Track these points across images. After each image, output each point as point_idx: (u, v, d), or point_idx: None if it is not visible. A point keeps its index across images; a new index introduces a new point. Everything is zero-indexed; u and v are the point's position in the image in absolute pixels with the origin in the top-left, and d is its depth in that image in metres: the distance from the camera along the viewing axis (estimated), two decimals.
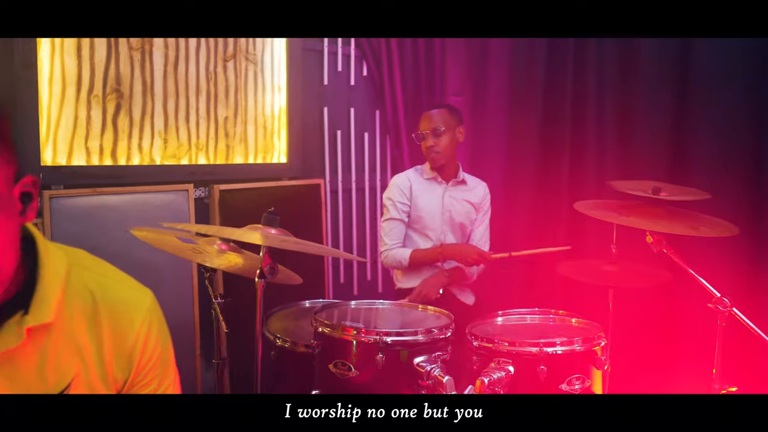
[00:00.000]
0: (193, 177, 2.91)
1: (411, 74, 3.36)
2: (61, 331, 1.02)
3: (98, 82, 2.68)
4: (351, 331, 1.71)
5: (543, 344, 1.70)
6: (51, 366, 1.01)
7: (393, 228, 2.70)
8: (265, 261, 1.65)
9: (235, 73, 3.05)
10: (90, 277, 1.08)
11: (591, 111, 2.81)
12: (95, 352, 1.05)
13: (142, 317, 1.09)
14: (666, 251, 1.92)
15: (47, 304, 0.99)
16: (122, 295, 1.10)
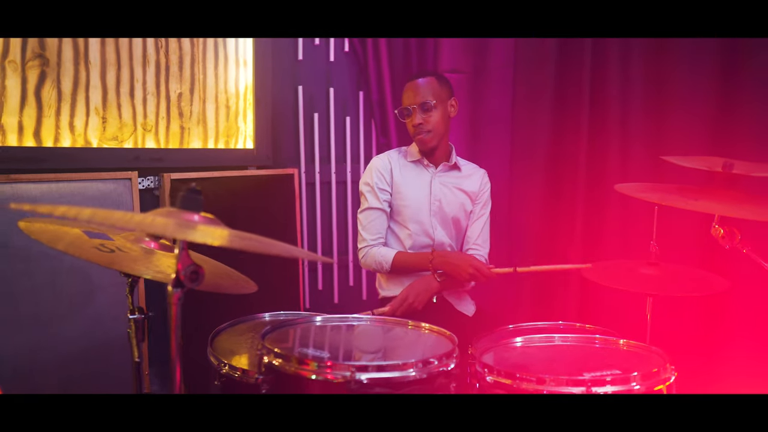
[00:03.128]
0: (138, 163, 2.34)
1: (400, 49, 2.79)
2: None
3: (15, 46, 2.12)
4: (311, 363, 1.12)
5: (590, 382, 1.12)
6: None
7: (372, 220, 2.13)
8: (183, 260, 1.07)
9: (191, 42, 2.48)
10: None
11: (614, 84, 2.25)
12: None
13: None
14: (743, 247, 1.36)
15: None
16: None
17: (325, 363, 1.12)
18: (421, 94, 2.07)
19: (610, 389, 1.12)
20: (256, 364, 1.45)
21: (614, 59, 2.30)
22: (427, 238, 2.16)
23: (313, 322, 1.44)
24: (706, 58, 2.07)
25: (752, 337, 1.89)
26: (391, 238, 2.19)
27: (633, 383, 1.14)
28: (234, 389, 1.48)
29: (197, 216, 1.11)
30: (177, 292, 1.08)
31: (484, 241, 2.21)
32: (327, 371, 1.11)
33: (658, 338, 1.67)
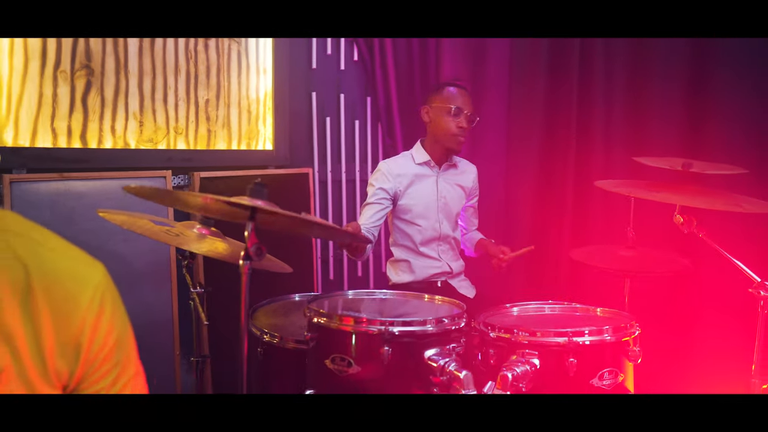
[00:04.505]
0: (171, 163, 2.65)
1: (404, 59, 3.13)
2: None
3: (66, 57, 2.42)
4: (351, 320, 1.45)
5: (571, 334, 1.46)
6: None
7: (366, 211, 2.41)
8: (251, 240, 1.40)
9: (217, 53, 2.80)
10: (22, 245, 0.84)
11: (599, 89, 2.60)
12: (30, 339, 0.82)
13: (91, 294, 0.86)
14: (699, 232, 1.70)
15: None
16: (64, 268, 0.86)
17: (362, 320, 1.45)
18: (471, 105, 2.40)
19: (588, 339, 1.46)
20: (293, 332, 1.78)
21: (599, 68, 2.64)
22: (435, 233, 2.48)
23: (346, 295, 1.77)
24: (678, 67, 2.42)
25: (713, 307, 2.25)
26: (399, 235, 2.50)
27: (605, 335, 1.48)
28: (274, 353, 1.81)
29: (262, 202, 1.43)
30: (246, 264, 1.41)
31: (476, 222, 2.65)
32: (363, 326, 1.44)
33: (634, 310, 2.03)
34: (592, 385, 1.47)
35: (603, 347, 1.48)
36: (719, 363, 2.19)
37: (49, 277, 0.83)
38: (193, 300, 1.72)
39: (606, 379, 1.48)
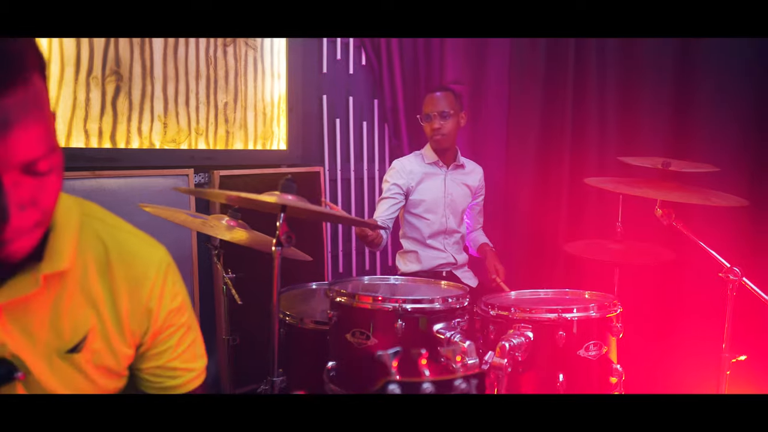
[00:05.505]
0: (193, 162, 2.89)
1: (410, 63, 3.38)
2: (75, 281, 1.00)
3: (97, 64, 2.66)
4: (369, 299, 1.70)
5: (561, 310, 1.71)
6: (65, 318, 0.99)
7: (382, 205, 2.67)
8: (282, 228, 1.64)
9: (235, 58, 3.05)
10: (101, 227, 1.06)
11: (592, 92, 2.84)
12: (110, 305, 1.03)
13: (156, 268, 1.08)
14: (676, 223, 1.95)
15: (62, 251, 0.97)
16: (135, 247, 1.08)
17: (378, 298, 1.70)
18: (441, 104, 2.65)
19: (575, 315, 1.71)
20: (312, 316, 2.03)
21: (592, 71, 2.87)
22: (441, 227, 2.74)
23: (362, 280, 2.03)
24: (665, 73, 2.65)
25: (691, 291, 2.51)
26: (408, 228, 2.76)
27: (591, 311, 1.73)
28: (295, 334, 2.05)
29: (291, 197, 1.68)
30: (278, 250, 1.66)
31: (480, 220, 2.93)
32: (380, 303, 1.68)
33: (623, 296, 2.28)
34: (578, 355, 1.72)
35: (589, 322, 1.73)
36: (695, 340, 2.45)
37: (123, 255, 1.06)
38: (226, 284, 1.97)
39: (591, 350, 1.73)
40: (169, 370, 1.13)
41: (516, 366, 1.69)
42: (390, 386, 1.00)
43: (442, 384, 1.02)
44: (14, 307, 0.94)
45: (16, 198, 0.81)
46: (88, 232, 1.03)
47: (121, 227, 1.10)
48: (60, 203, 0.98)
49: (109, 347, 1.04)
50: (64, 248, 0.97)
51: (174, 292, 1.11)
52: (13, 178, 0.80)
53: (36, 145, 0.80)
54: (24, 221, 0.84)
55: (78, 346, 1.01)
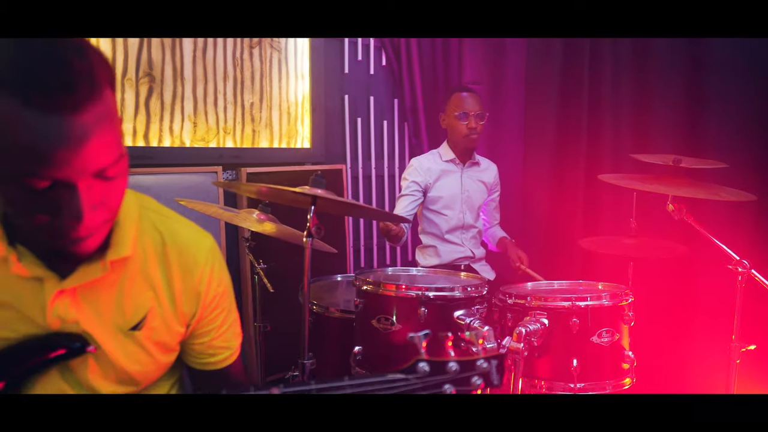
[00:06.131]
0: (221, 160, 3.04)
1: (429, 64, 3.50)
2: (136, 267, 1.14)
3: (131, 67, 2.82)
4: (393, 287, 1.83)
5: (575, 298, 1.83)
6: (128, 299, 1.13)
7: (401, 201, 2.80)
8: (313, 221, 1.78)
9: (260, 60, 3.19)
10: (157, 218, 1.19)
11: (607, 91, 2.94)
12: (166, 288, 1.17)
13: (206, 255, 1.21)
14: (687, 218, 2.05)
15: (125, 240, 1.10)
16: (187, 236, 1.21)
17: (402, 286, 1.82)
18: (478, 105, 2.77)
19: (588, 303, 1.82)
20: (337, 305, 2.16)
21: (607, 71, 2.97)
22: (459, 222, 2.86)
23: (386, 271, 2.16)
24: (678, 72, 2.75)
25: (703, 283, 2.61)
26: (427, 223, 2.89)
27: (603, 300, 1.84)
28: (321, 322, 2.19)
29: (320, 191, 1.81)
30: (309, 241, 1.79)
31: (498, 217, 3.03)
32: (404, 291, 1.81)
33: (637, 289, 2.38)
34: (591, 341, 1.83)
35: (601, 310, 1.84)
36: (706, 330, 2.55)
37: (177, 243, 1.20)
38: (258, 274, 2.12)
39: (604, 337, 1.84)
40: (212, 347, 1.27)
41: (532, 351, 1.81)
42: (420, 364, 1.11)
43: (466, 363, 1.13)
44: (86, 289, 1.09)
45: (89, 200, 0.93)
46: (146, 223, 1.17)
47: (174, 218, 1.23)
48: None
49: (165, 325, 1.18)
50: (126, 237, 1.11)
51: (220, 278, 1.24)
52: (87, 183, 0.92)
53: (106, 154, 0.92)
54: (95, 220, 0.97)
55: (139, 324, 1.14)
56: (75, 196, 0.91)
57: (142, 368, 1.17)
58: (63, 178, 0.89)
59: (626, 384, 1.90)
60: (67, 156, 0.87)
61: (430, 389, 1.08)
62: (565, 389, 1.83)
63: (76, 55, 0.87)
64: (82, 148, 0.87)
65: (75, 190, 0.91)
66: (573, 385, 1.82)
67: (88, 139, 0.87)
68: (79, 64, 0.86)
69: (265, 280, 2.09)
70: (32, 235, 1.00)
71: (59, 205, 0.91)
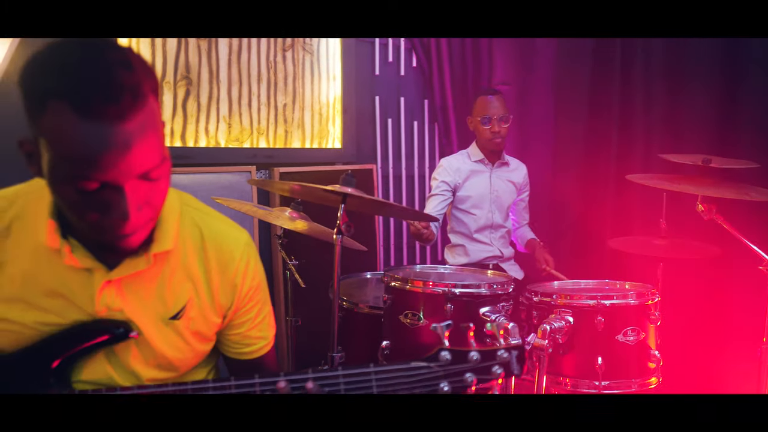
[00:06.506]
0: (255, 159, 3.13)
1: (459, 65, 3.55)
2: (177, 260, 1.21)
3: (170, 70, 2.93)
4: (420, 283, 1.88)
5: (600, 297, 1.85)
6: (169, 290, 1.21)
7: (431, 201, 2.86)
8: (343, 219, 1.84)
9: (293, 62, 3.28)
10: (196, 215, 1.27)
11: (639, 91, 2.95)
12: (204, 280, 1.24)
13: (242, 250, 1.28)
14: (717, 219, 2.05)
15: (167, 235, 1.18)
16: (224, 231, 1.28)
17: (429, 283, 1.88)
18: (501, 108, 2.80)
19: (614, 302, 1.85)
20: (367, 301, 2.22)
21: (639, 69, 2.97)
22: (488, 221, 2.90)
23: (414, 269, 2.21)
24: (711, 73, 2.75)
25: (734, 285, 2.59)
26: (456, 223, 2.93)
27: (629, 299, 1.87)
28: (351, 317, 2.25)
29: (351, 189, 1.87)
30: (339, 238, 1.86)
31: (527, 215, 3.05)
32: (430, 287, 1.86)
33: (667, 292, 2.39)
34: (617, 340, 1.86)
35: (627, 309, 1.87)
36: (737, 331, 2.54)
37: (215, 238, 1.27)
38: (290, 270, 2.20)
39: (630, 336, 1.86)
40: (246, 338, 1.34)
41: (557, 348, 1.85)
42: (442, 352, 1.17)
43: (487, 353, 1.18)
44: (130, 280, 1.17)
45: (135, 201, 1.01)
46: (186, 219, 1.25)
47: (213, 215, 1.31)
48: None
49: (202, 316, 1.25)
50: (168, 233, 1.18)
51: (255, 271, 1.32)
52: (132, 185, 1.00)
53: (150, 158, 1.00)
54: (140, 218, 1.05)
55: (179, 314, 1.22)
56: (122, 197, 0.99)
57: (181, 355, 1.25)
58: (110, 181, 0.97)
59: (652, 383, 1.92)
60: (113, 160, 0.95)
61: (452, 377, 1.14)
62: (590, 387, 1.86)
63: (124, 67, 0.95)
64: (128, 153, 0.95)
65: (122, 191, 0.99)
66: (598, 383, 1.85)
67: (132, 144, 0.95)
68: (126, 76, 0.94)
69: (296, 276, 2.16)
70: (83, 230, 1.08)
71: (108, 205, 1.00)
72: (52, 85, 0.93)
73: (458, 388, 1.15)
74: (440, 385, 1.14)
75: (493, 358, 1.16)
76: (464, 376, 1.14)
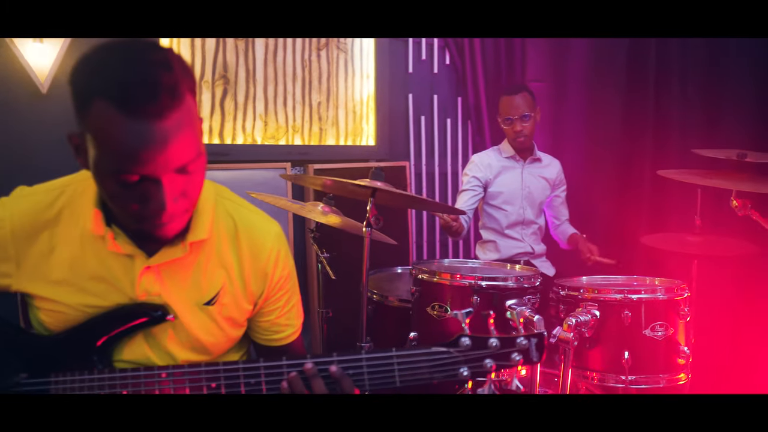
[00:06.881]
0: (290, 156, 3.22)
1: (492, 62, 3.56)
2: (211, 248, 1.29)
3: (208, 69, 3.04)
4: (448, 275, 1.93)
5: (627, 291, 1.86)
6: (204, 276, 1.28)
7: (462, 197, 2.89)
8: (372, 212, 1.90)
9: (327, 61, 3.35)
10: (230, 206, 1.34)
11: (675, 87, 2.93)
12: (237, 268, 1.31)
13: (273, 241, 1.34)
14: (752, 214, 2.04)
15: (203, 224, 1.26)
16: (256, 222, 1.35)
17: (457, 275, 1.92)
18: (521, 108, 2.82)
19: (642, 296, 1.85)
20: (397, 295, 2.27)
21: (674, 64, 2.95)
22: (519, 217, 2.92)
23: (443, 262, 2.25)
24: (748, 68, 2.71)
25: None
26: (487, 218, 2.96)
27: (658, 294, 1.87)
28: (381, 310, 2.31)
29: (380, 183, 1.93)
30: (368, 230, 1.91)
31: (566, 211, 3.04)
32: (457, 280, 1.90)
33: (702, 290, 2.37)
34: (644, 335, 1.86)
35: (655, 304, 1.87)
36: None
37: (248, 228, 1.34)
38: (321, 263, 2.27)
39: (657, 331, 1.86)
40: (275, 325, 1.41)
41: (583, 342, 1.86)
42: (462, 338, 1.21)
43: (506, 340, 1.22)
44: (168, 266, 1.25)
45: (171, 192, 1.09)
46: (221, 210, 1.32)
47: (246, 206, 1.38)
48: None
49: (235, 302, 1.32)
50: (204, 222, 1.26)
51: (285, 261, 1.38)
52: (170, 178, 1.07)
53: (187, 153, 1.07)
54: (177, 209, 1.12)
55: (212, 300, 1.30)
56: (160, 189, 1.07)
57: (214, 339, 1.32)
58: (149, 174, 1.05)
59: (681, 379, 1.92)
60: (152, 155, 1.02)
61: (472, 363, 1.18)
62: (617, 381, 1.87)
63: (163, 68, 1.02)
64: (165, 148, 1.02)
65: (160, 184, 1.06)
66: (624, 378, 1.85)
67: (170, 140, 1.02)
68: (165, 77, 1.01)
69: (327, 268, 2.23)
70: (125, 219, 1.17)
71: (147, 196, 1.07)
72: (98, 85, 1.00)
73: (477, 374, 1.20)
74: (460, 370, 1.18)
75: (512, 345, 1.20)
76: (483, 362, 1.19)
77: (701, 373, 2.05)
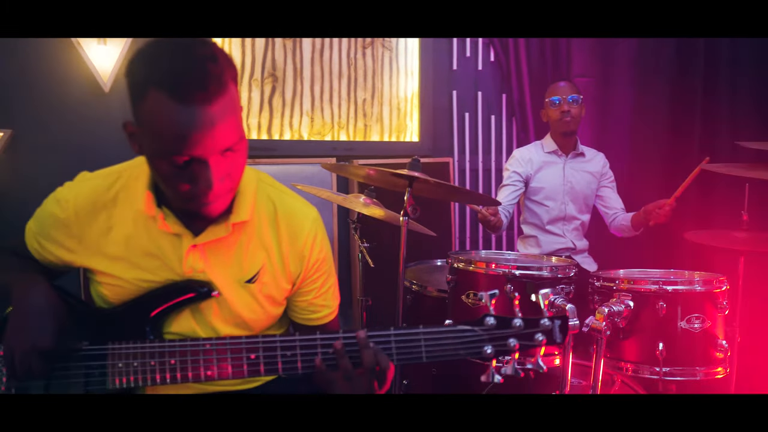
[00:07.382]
0: (336, 152, 3.33)
1: (537, 59, 3.58)
2: (253, 229, 1.39)
3: (257, 68, 3.18)
4: (483, 264, 1.98)
5: (662, 282, 1.87)
6: (246, 255, 1.38)
7: (503, 191, 2.93)
8: (409, 201, 1.98)
9: (372, 59, 3.44)
10: (271, 191, 1.44)
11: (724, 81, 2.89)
12: (276, 249, 1.41)
13: (310, 224, 1.43)
14: None
15: (245, 206, 1.35)
16: (295, 207, 1.44)
17: (491, 264, 1.97)
18: (571, 90, 2.85)
19: (678, 288, 1.86)
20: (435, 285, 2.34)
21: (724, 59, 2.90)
22: (560, 213, 2.93)
23: (480, 253, 2.31)
24: None
25: None
26: (529, 213, 2.99)
27: (695, 285, 1.87)
28: (420, 300, 2.37)
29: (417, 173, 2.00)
30: (405, 220, 1.99)
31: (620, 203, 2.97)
32: (492, 269, 1.96)
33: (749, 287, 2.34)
34: (679, 327, 1.86)
35: (692, 296, 1.87)
36: None
37: (287, 212, 1.44)
38: (362, 252, 2.36)
39: (694, 323, 1.86)
40: (312, 305, 1.50)
41: (617, 332, 1.88)
42: (487, 318, 1.27)
43: (530, 321, 1.27)
44: (212, 245, 1.36)
45: (218, 172, 1.19)
46: (262, 194, 1.42)
47: (285, 191, 1.48)
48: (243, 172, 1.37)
49: (274, 281, 1.42)
50: (246, 205, 1.36)
51: (322, 245, 1.47)
52: (216, 159, 1.18)
53: (231, 136, 1.18)
54: (222, 188, 1.23)
55: (253, 278, 1.40)
56: (207, 170, 1.17)
57: (254, 316, 1.42)
58: (198, 156, 1.15)
59: (719, 373, 1.91)
60: (201, 138, 1.13)
61: (496, 341, 1.24)
62: (652, 373, 1.88)
63: (210, 60, 1.13)
64: (212, 131, 1.13)
65: (207, 164, 1.17)
66: (659, 369, 1.86)
67: (216, 124, 1.13)
68: (212, 67, 1.12)
69: (367, 257, 2.32)
70: (174, 199, 1.28)
71: (196, 176, 1.18)
72: (152, 76, 1.12)
73: (501, 352, 1.25)
74: (484, 347, 1.24)
75: (536, 326, 1.26)
76: (507, 341, 1.24)
77: (747, 372, 2.03)
